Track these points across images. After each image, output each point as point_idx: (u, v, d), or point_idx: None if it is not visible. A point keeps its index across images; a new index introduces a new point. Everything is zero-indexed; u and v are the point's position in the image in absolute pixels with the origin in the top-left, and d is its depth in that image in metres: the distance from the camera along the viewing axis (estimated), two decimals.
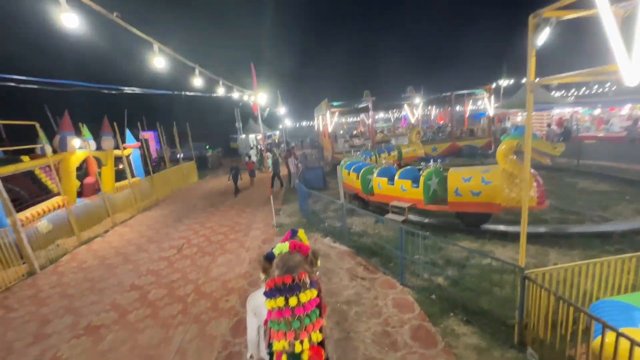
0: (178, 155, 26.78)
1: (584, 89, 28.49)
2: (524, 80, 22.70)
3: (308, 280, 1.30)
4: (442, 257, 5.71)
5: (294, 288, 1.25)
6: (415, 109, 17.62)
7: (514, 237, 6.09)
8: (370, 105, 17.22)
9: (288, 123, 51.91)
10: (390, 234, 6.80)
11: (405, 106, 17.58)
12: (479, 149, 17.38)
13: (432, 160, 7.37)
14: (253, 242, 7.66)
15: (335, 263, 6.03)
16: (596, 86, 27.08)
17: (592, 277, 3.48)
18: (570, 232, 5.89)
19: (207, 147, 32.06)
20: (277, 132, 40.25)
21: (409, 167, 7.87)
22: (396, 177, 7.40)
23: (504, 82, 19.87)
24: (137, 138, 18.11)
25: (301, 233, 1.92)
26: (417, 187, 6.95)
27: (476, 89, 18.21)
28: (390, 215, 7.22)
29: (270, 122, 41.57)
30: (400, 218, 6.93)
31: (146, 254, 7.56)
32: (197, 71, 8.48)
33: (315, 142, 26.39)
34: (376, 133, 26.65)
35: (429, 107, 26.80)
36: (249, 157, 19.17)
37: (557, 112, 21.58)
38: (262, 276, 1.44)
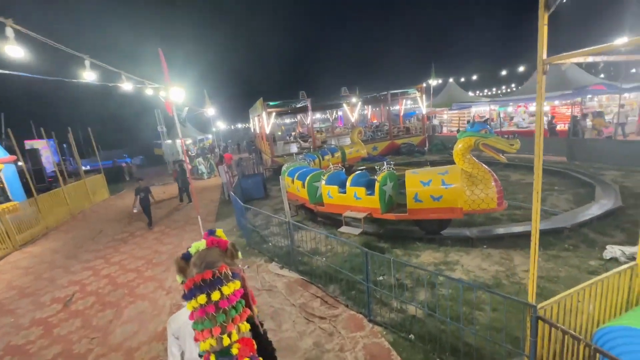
0: (84, 167, 22.39)
1: (494, 89, 32.26)
2: (451, 80, 24.57)
3: (230, 272, 1.26)
4: (409, 274, 4.94)
5: (215, 282, 1.21)
6: (354, 108, 17.33)
7: (476, 242, 5.66)
8: (308, 105, 16.32)
9: (221, 125, 48.49)
10: (346, 250, 5.86)
11: (345, 106, 17.15)
12: (415, 146, 17.87)
13: (385, 162, 6.64)
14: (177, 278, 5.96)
15: (285, 299, 4.81)
16: (504, 87, 30.81)
17: (594, 298, 2.94)
18: (527, 232, 5.65)
19: (125, 155, 27.62)
20: (210, 136, 36.98)
21: (360, 171, 7.04)
22: (348, 184, 6.48)
23: (433, 82, 21.01)
24: (10, 150, 14.00)
25: (219, 232, 1.55)
26: (373, 194, 6.12)
27: (409, 88, 18.72)
28: (345, 229, 6.28)
29: (201, 124, 38.04)
30: (357, 231, 6.04)
31: (11, 317, 5.28)
32: (87, 63, 6.40)
33: (253, 146, 24.53)
34: (315, 133, 26.11)
35: (366, 107, 27.20)
36: (180, 165, 16.70)
37: (475, 110, 23.70)
38: (179, 278, 1.36)
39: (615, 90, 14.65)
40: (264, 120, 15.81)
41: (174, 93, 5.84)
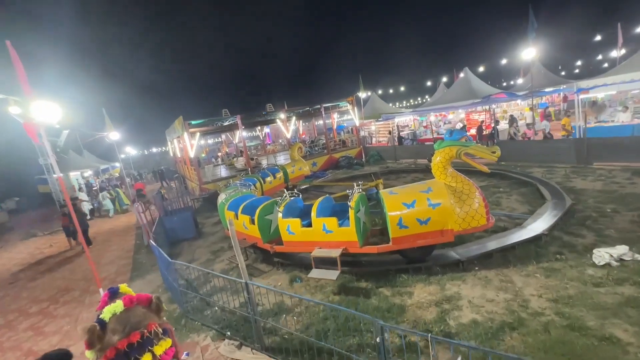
0: None
1: (411, 100, 35.31)
2: (372, 93, 25.61)
3: (160, 329, 1.17)
4: (414, 325, 3.85)
5: (145, 344, 1.11)
6: (288, 124, 16.26)
7: (467, 265, 4.95)
8: (239, 122, 14.61)
9: (132, 151, 42.08)
10: (321, 300, 4.51)
11: (278, 121, 15.94)
12: (354, 158, 17.64)
13: (355, 184, 5.55)
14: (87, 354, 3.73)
15: None
16: (419, 98, 33.89)
17: None
18: (513, 244, 5.20)
19: None
20: (117, 165, 31.29)
21: (326, 196, 5.82)
22: (313, 215, 5.17)
23: (362, 94, 21.47)
24: None
25: (124, 288, 1.37)
26: (347, 224, 4.94)
27: (340, 101, 18.60)
28: (316, 273, 4.92)
29: (104, 152, 32.08)
30: (334, 274, 4.75)
31: None
32: None
33: (176, 174, 21.08)
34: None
35: (297, 122, 26.50)
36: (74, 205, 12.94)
37: (398, 120, 25.14)
38: (91, 355, 1.13)
39: (514, 97, 16.96)
40: (186, 142, 13.47)
41: (40, 110, 3.76)
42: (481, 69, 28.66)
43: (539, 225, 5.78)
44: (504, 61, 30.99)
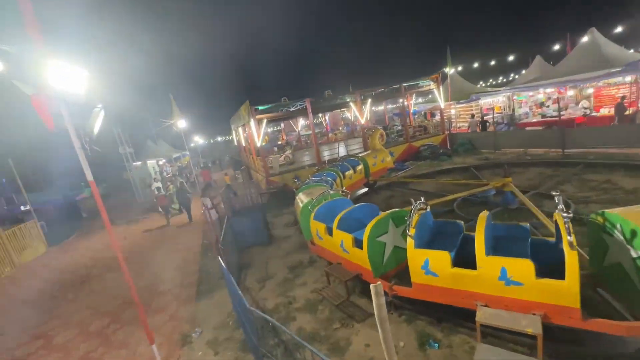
0: (22, 207, 17.78)
1: (491, 80, 30.01)
2: (452, 71, 21.72)
3: None
4: None
5: None
6: (363, 107, 14.07)
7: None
8: (307, 106, 12.90)
9: (199, 140, 44.22)
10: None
11: (352, 105, 13.86)
12: (439, 147, 14.77)
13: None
14: None
15: None
16: (501, 77, 28.60)
17: None
18: None
19: (83, 184, 23.10)
20: (187, 153, 32.77)
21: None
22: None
23: (450, 70, 18.07)
24: None
25: None
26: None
27: (422, 79, 15.67)
28: (489, 354, 2.79)
29: (175, 140, 33.82)
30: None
31: None
32: None
33: (242, 165, 20.42)
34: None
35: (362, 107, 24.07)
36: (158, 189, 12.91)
37: (488, 101, 21.08)
38: None
39: None
40: (252, 130, 12.23)
41: (61, 79, 2.37)
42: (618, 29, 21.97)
43: None
44: None
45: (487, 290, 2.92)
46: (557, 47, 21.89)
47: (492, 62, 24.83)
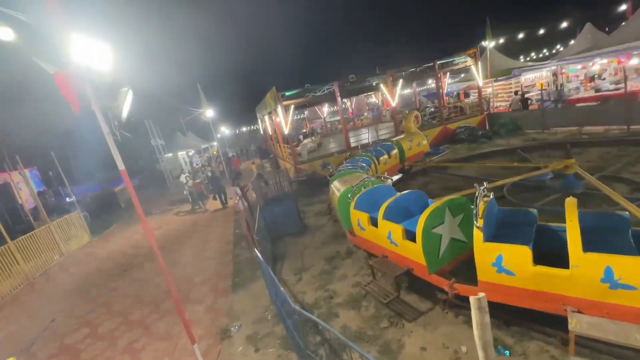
0: (67, 199, 18.92)
1: (532, 53, 27.44)
2: (492, 45, 19.88)
3: None
4: None
5: None
6: (394, 88, 13.26)
7: None
8: (335, 90, 12.34)
9: (225, 130, 44.90)
10: None
11: (382, 87, 13.09)
12: (477, 129, 13.70)
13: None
14: None
15: None
16: (545, 50, 26.06)
17: None
18: None
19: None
20: (215, 144, 33.38)
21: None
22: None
23: (490, 43, 16.56)
24: None
25: None
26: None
27: (457, 55, 14.48)
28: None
29: (202, 131, 34.54)
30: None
31: None
32: None
33: (270, 154, 20.31)
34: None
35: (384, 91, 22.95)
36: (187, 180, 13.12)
37: (529, 77, 19.34)
38: None
39: None
40: (279, 117, 11.93)
41: (85, 54, 2.12)
42: None
43: None
44: None
45: (583, 294, 2.40)
46: (612, 11, 19.42)
47: (533, 34, 22.17)
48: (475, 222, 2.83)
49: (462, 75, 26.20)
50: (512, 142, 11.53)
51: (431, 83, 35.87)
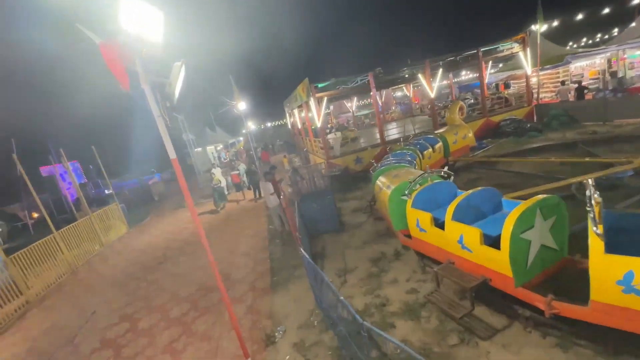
0: (106, 191, 19.70)
1: (584, 39, 25.09)
2: (541, 29, 18.21)
3: None
4: None
5: None
6: (433, 79, 12.42)
7: None
8: (370, 81, 11.74)
9: (251, 126, 45.38)
10: None
11: (420, 77, 12.30)
12: (525, 122, 12.57)
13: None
14: None
15: None
16: (599, 35, 23.70)
17: None
18: None
19: (153, 170, 24.99)
20: (241, 139, 33.72)
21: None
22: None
23: (542, 27, 15.14)
24: (18, 180, 11.82)
25: None
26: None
27: (503, 42, 13.33)
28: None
29: (230, 126, 35.02)
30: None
31: None
32: None
33: (305, 149, 19.95)
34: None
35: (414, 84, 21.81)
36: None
37: (577, 65, 17.63)
38: None
39: None
40: (312, 110, 11.53)
41: (137, 22, 1.83)
42: None
43: None
44: None
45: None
46: None
47: (593, 15, 19.75)
48: (593, 228, 2.26)
49: (500, 65, 24.51)
50: (568, 135, 10.42)
51: (464, 74, 34.01)
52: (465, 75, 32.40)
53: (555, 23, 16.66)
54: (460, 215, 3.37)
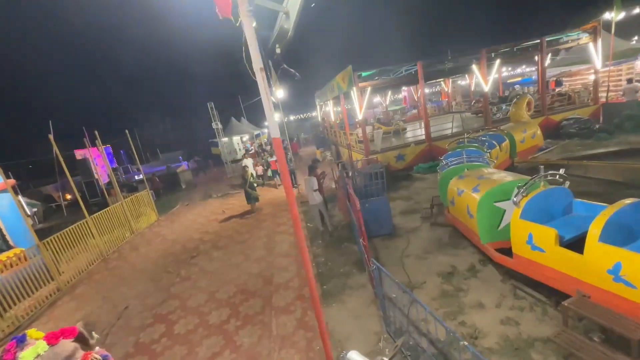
0: (136, 176, 19.81)
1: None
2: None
3: (98, 356, 1.16)
4: None
5: None
6: (488, 71, 11.24)
7: None
8: (419, 71, 10.74)
9: (276, 118, 44.96)
10: None
11: (474, 68, 11.15)
12: (591, 122, 11.16)
13: None
14: None
15: None
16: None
17: None
18: None
19: (180, 158, 25.07)
20: (265, 131, 33.34)
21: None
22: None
23: (618, 15, 13.42)
24: (52, 162, 11.84)
25: (33, 333, 1.29)
26: None
27: (570, 32, 11.87)
28: None
29: (255, 117, 34.68)
30: None
31: None
32: None
33: (332, 144, 19.15)
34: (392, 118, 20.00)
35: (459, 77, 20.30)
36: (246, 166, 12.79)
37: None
38: None
39: None
40: (354, 100, 10.69)
41: None
42: None
43: None
44: None
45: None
46: None
47: None
48: None
49: (549, 61, 22.50)
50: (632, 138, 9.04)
51: (505, 70, 31.76)
52: (507, 72, 30.29)
53: (622, 15, 14.55)
54: (609, 235, 2.49)
